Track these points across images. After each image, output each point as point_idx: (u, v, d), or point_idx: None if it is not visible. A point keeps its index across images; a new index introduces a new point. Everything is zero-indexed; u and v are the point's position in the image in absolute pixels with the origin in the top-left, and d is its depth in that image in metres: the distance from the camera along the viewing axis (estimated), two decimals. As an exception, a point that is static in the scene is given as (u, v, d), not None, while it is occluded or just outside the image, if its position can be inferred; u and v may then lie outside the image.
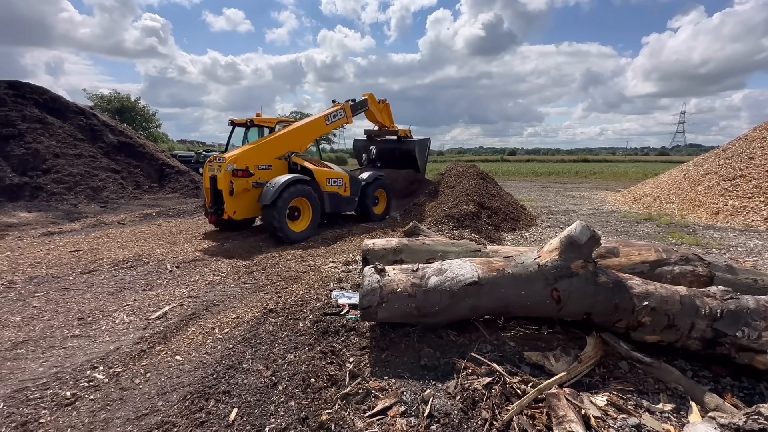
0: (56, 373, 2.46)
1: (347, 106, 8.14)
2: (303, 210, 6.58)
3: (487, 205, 7.43)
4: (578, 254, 2.24)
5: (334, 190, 7.16)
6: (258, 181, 6.28)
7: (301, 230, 6.40)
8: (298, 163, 6.88)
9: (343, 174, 7.40)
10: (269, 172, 6.48)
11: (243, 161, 6.23)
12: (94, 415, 2.04)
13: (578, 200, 12.26)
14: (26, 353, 2.76)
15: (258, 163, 6.44)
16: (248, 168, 6.23)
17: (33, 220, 7.99)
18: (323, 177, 6.99)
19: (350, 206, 7.62)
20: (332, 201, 7.10)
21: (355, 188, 7.54)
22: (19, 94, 11.88)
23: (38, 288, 4.07)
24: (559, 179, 22.48)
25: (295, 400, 2.01)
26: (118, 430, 1.92)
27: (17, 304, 3.65)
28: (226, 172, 6.05)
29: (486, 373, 2.06)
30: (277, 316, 2.97)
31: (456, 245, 3.17)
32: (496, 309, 2.40)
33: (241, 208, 6.26)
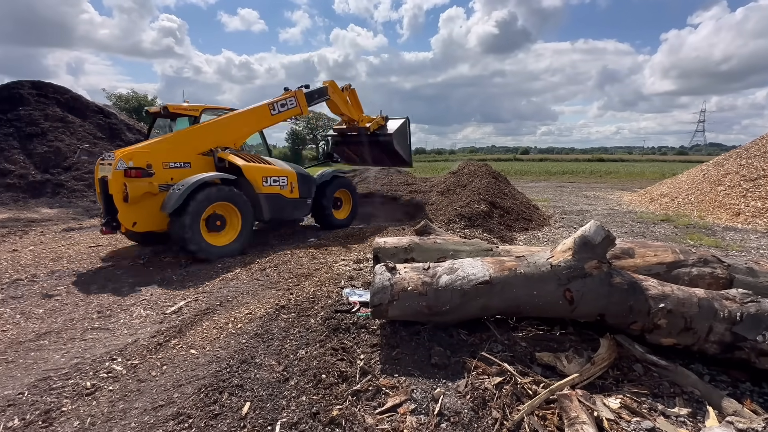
0: (77, 364, 2.55)
1: (300, 94, 6.71)
2: (229, 218, 5.29)
3: (499, 205, 7.37)
4: (592, 254, 2.21)
5: (274, 191, 5.80)
6: (169, 182, 5.03)
7: (225, 243, 5.14)
8: (224, 159, 5.53)
9: (288, 171, 6.07)
10: (186, 171, 5.21)
11: (142, 157, 4.89)
12: (112, 405, 2.10)
13: (593, 200, 12.05)
14: (49, 344, 2.86)
15: (169, 159, 5.15)
16: (149, 165, 4.91)
17: (54, 216, 8.24)
18: (257, 175, 5.62)
19: (301, 211, 6.32)
20: (272, 205, 5.75)
21: (306, 189, 6.23)
22: (41, 93, 12.26)
23: (60, 282, 4.21)
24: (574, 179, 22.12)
25: (306, 395, 2.03)
26: (135, 420, 1.98)
27: (40, 297, 3.78)
28: (117, 172, 4.70)
29: (497, 372, 2.06)
30: (289, 313, 3.01)
31: (467, 244, 3.16)
32: (507, 309, 2.39)
33: (143, 217, 4.89)
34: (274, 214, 5.81)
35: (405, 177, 10.78)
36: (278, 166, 6.08)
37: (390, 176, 10.89)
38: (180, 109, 5.78)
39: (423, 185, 9.93)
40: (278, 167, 6.05)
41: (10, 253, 5.36)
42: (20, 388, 2.29)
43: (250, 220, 5.40)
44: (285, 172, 6.01)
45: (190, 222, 4.70)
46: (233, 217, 5.30)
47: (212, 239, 5.03)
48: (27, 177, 9.89)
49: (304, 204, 6.29)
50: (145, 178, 4.85)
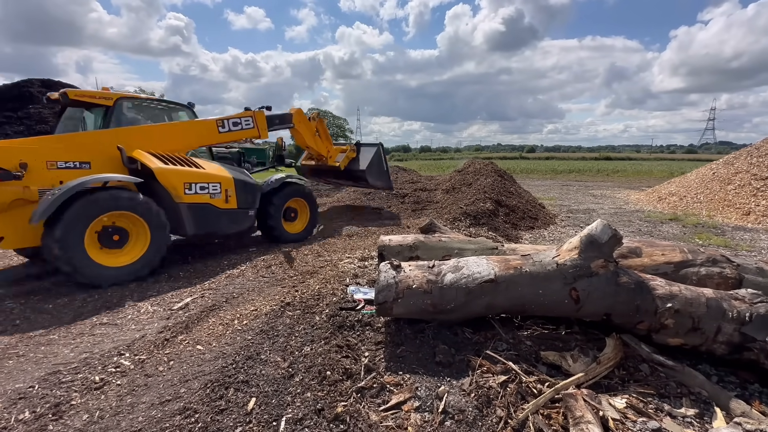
0: (86, 359, 2.58)
1: (260, 115, 5.91)
2: (133, 231, 4.22)
3: (504, 203, 7.34)
4: (598, 253, 2.20)
5: (202, 200, 4.74)
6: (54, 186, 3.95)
7: (125, 263, 4.08)
8: (136, 159, 4.44)
9: (222, 177, 5.00)
10: (83, 172, 4.16)
11: (14, 153, 3.83)
12: (120, 400, 2.13)
13: (599, 199, 11.94)
14: (58, 339, 2.91)
15: (57, 156, 4.07)
16: (24, 165, 3.84)
17: (64, 213, 8.34)
18: (176, 181, 4.52)
19: (239, 224, 5.23)
20: (199, 217, 4.71)
21: (247, 198, 5.25)
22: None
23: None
24: (580, 177, 21.93)
25: (311, 391, 2.05)
26: (143, 414, 2.00)
27: (50, 292, 3.84)
28: None
29: (501, 371, 2.05)
30: (294, 310, 3.03)
31: (473, 243, 3.15)
32: (512, 307, 2.38)
33: (15, 231, 3.85)
34: (200, 229, 4.78)
35: (410, 175, 10.77)
36: (209, 170, 4.95)
37: (395, 174, 10.88)
38: (86, 97, 4.60)
39: (428, 183, 9.91)
40: (208, 172, 4.92)
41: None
42: (31, 382, 2.33)
43: (161, 237, 4.29)
44: (217, 178, 4.92)
45: (63, 235, 3.66)
46: (139, 232, 4.23)
47: (105, 258, 3.98)
48: (37, 174, 10.04)
49: (244, 215, 5.25)
50: (12, 181, 3.75)
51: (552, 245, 3.12)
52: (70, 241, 3.70)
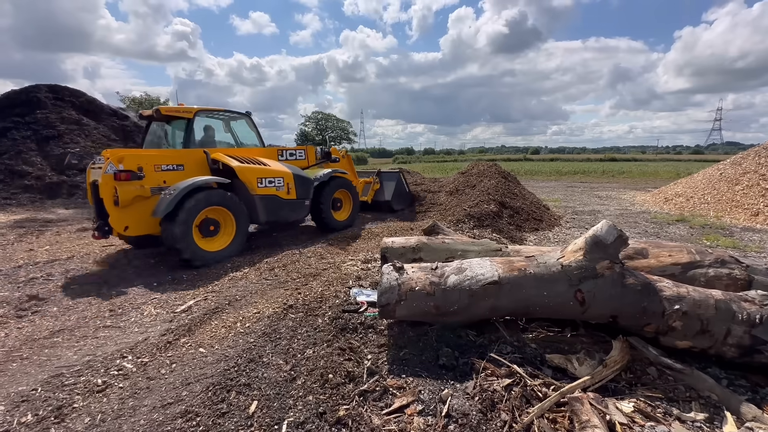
0: (89, 361, 2.58)
1: (311, 150, 7.04)
2: (223, 222, 5.14)
3: (508, 205, 7.29)
4: (604, 255, 2.17)
5: (270, 192, 5.60)
6: (161, 185, 4.88)
7: (219, 249, 4.99)
8: (218, 160, 5.38)
9: (284, 172, 5.84)
10: (179, 174, 5.07)
11: (134, 160, 4.75)
12: (123, 402, 2.13)
13: (605, 200, 11.85)
14: (62, 341, 2.91)
15: (161, 162, 5.01)
16: (141, 168, 4.75)
17: (69, 217, 8.42)
18: (251, 176, 5.42)
19: (298, 212, 6.07)
20: (268, 207, 5.55)
21: (304, 190, 6.04)
22: (58, 97, 12.56)
23: (74, 280, 4.29)
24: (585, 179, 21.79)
25: (313, 394, 2.03)
26: (144, 417, 2.00)
27: (55, 295, 3.86)
28: (107, 176, 4.56)
29: (506, 374, 2.02)
30: (297, 312, 3.01)
31: (476, 244, 3.12)
32: (516, 309, 2.35)
33: (136, 221, 4.71)
34: (270, 217, 5.62)
35: (414, 177, 10.75)
36: (274, 167, 5.82)
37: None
38: (173, 112, 5.58)
39: (432, 185, 9.88)
40: (274, 168, 5.79)
41: (26, 252, 5.49)
42: (34, 384, 2.33)
43: (244, 224, 5.25)
44: (281, 173, 5.78)
45: (181, 228, 4.57)
46: (227, 222, 5.14)
47: (206, 245, 4.89)
48: (44, 178, 10.13)
49: (301, 205, 6.07)
50: (135, 181, 4.67)
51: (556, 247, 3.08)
52: (184, 230, 4.62)
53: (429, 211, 8.02)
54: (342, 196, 6.93)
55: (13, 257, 5.23)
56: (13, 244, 5.99)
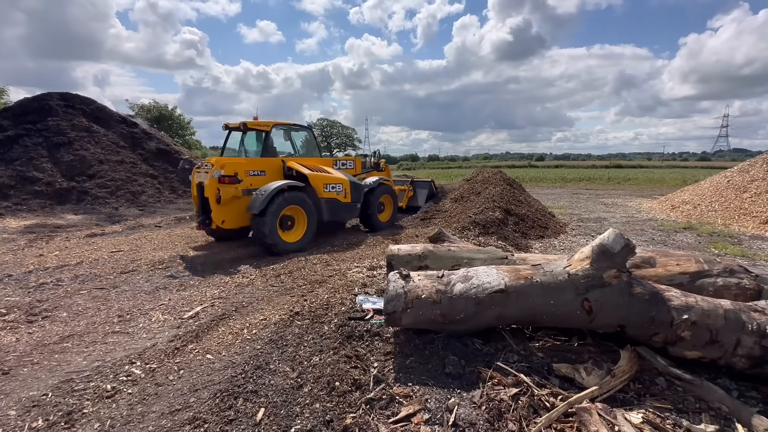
0: (98, 367, 2.61)
1: (358, 160, 8.29)
2: (297, 219, 6.16)
3: (513, 212, 7.28)
4: (611, 263, 2.16)
5: (332, 196, 6.62)
6: (249, 188, 5.94)
7: (294, 240, 5.99)
8: (293, 168, 6.47)
9: (343, 179, 6.86)
10: (262, 179, 6.15)
11: (232, 167, 5.90)
12: (131, 408, 2.15)
13: (611, 207, 11.78)
14: (71, 347, 2.94)
15: (250, 168, 6.13)
16: (237, 174, 5.88)
17: (79, 222, 8.53)
18: (320, 182, 6.47)
19: (352, 214, 7.12)
20: (331, 208, 6.57)
21: (357, 194, 7.03)
22: (69, 104, 12.78)
23: (83, 286, 4.34)
24: (590, 185, 21.70)
25: (320, 402, 2.03)
26: (153, 423, 2.01)
27: (64, 300, 3.90)
28: (213, 179, 5.68)
29: (513, 383, 2.02)
30: (303, 319, 3.03)
31: (482, 252, 3.13)
32: (523, 318, 2.35)
33: (231, 216, 5.86)
34: (331, 217, 6.60)
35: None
36: (335, 175, 6.88)
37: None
38: (257, 125, 6.68)
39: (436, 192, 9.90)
40: (335, 175, 6.85)
41: (36, 257, 5.57)
42: (44, 389, 2.36)
43: (314, 222, 6.21)
44: (341, 180, 6.80)
45: (270, 222, 5.59)
46: (300, 219, 6.16)
47: (285, 237, 5.91)
48: (54, 184, 10.28)
49: (354, 208, 7.05)
50: (234, 184, 5.81)
51: (563, 255, 3.08)
52: (273, 225, 5.64)
53: (434, 218, 8.03)
54: (385, 201, 7.88)
55: (23, 262, 5.30)
56: (23, 250, 6.07)
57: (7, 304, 3.80)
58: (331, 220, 6.67)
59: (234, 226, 6.01)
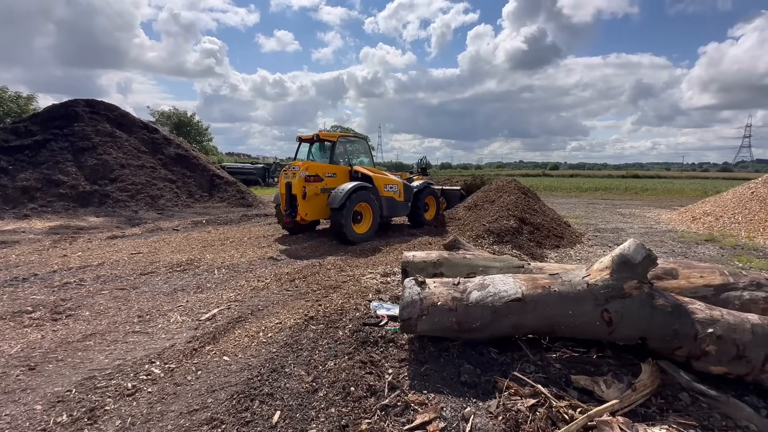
0: (119, 365, 2.67)
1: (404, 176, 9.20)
2: (365, 214, 7.26)
3: (528, 221, 7.20)
4: (631, 274, 2.13)
5: (390, 195, 7.72)
6: (325, 186, 7.07)
7: (363, 232, 7.08)
8: (359, 171, 7.58)
9: (398, 181, 8.00)
10: (334, 180, 7.27)
11: (314, 169, 7.10)
12: (151, 407, 2.19)
13: (628, 218, 11.54)
14: (94, 345, 3.02)
15: (326, 171, 7.31)
16: (318, 174, 7.06)
17: (100, 224, 8.78)
18: (381, 183, 7.58)
19: (404, 211, 8.15)
20: (389, 205, 7.65)
21: (408, 194, 8.11)
22: (94, 111, 13.25)
23: (104, 286, 4.46)
24: (607, 195, 21.31)
25: (335, 407, 2.04)
26: (172, 422, 2.05)
27: (87, 299, 4.02)
28: (300, 179, 6.84)
29: (530, 394, 1.99)
30: (318, 324, 3.05)
31: (498, 260, 3.11)
32: (540, 328, 2.32)
33: (312, 210, 7.01)
34: (389, 212, 7.72)
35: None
36: (392, 177, 8.06)
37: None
38: (327, 137, 7.76)
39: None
40: (392, 178, 8.02)
41: (61, 258, 5.75)
42: (68, 386, 2.43)
43: (377, 216, 7.26)
44: (396, 182, 7.96)
45: (347, 215, 6.64)
46: (367, 214, 7.27)
47: (356, 229, 6.96)
48: (77, 187, 10.63)
49: (406, 206, 8.11)
50: (317, 183, 7.00)
51: (581, 265, 3.03)
52: (348, 218, 6.69)
53: (448, 226, 8.00)
54: (429, 202, 8.81)
55: (48, 262, 5.48)
56: (48, 250, 6.28)
57: (34, 302, 3.94)
58: (389, 216, 7.81)
59: (315, 218, 7.24)
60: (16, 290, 4.32)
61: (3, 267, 5.27)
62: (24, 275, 4.85)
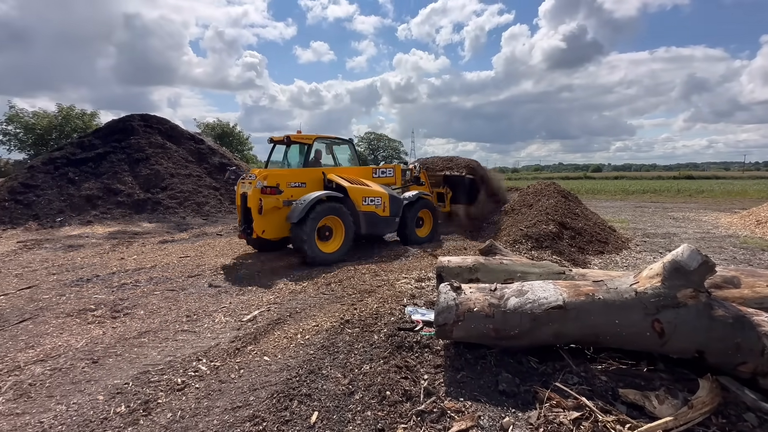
0: (170, 362, 2.86)
1: (398, 168, 8.06)
2: (335, 229, 6.21)
3: (569, 225, 6.89)
4: (686, 282, 1.99)
5: (371, 209, 6.60)
6: (290, 199, 6.04)
7: (332, 251, 6.02)
8: (333, 181, 6.52)
9: (382, 192, 6.81)
10: (302, 190, 6.20)
11: (274, 178, 6.06)
12: (198, 402, 2.32)
13: (681, 222, 10.73)
14: (148, 342, 3.25)
15: (291, 180, 6.27)
16: (278, 185, 6.02)
17: (153, 230, 9.44)
18: (358, 195, 6.48)
19: (390, 227, 7.03)
20: (369, 221, 6.55)
21: (395, 208, 6.95)
22: (147, 124, 14.32)
23: (156, 287, 4.78)
24: (657, 198, 19.92)
25: (371, 410, 2.06)
26: (217, 418, 2.16)
27: (141, 299, 4.33)
28: (256, 190, 5.87)
29: (573, 406, 1.91)
30: (353, 327, 3.09)
31: (537, 266, 3.01)
32: (584, 337, 2.22)
33: (271, 227, 5.98)
34: (369, 230, 6.58)
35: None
36: (374, 188, 6.84)
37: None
38: (299, 138, 6.82)
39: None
40: (374, 189, 6.81)
41: (118, 260, 6.25)
42: (126, 379, 2.63)
43: (351, 233, 6.22)
44: (380, 194, 6.75)
45: (308, 231, 5.67)
46: (338, 229, 6.20)
47: (322, 247, 5.97)
48: (133, 196, 11.51)
49: (393, 221, 6.96)
50: (276, 195, 5.96)
51: (627, 272, 2.86)
52: (311, 235, 5.69)
53: (483, 231, 7.84)
54: (424, 216, 7.63)
55: (108, 264, 5.97)
56: (108, 253, 6.84)
57: (96, 301, 4.30)
58: (370, 233, 6.69)
59: (274, 236, 6.10)
60: (81, 290, 4.75)
61: (70, 268, 5.80)
62: (87, 276, 5.32)
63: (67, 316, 3.86)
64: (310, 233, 5.69)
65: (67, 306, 4.16)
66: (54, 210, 10.58)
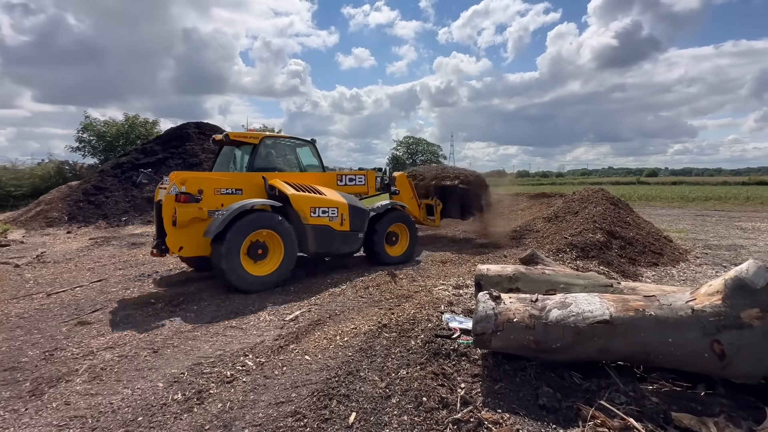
0: (220, 355, 3.06)
1: (371, 175, 6.74)
2: (272, 247, 5.01)
3: (619, 235, 6.52)
4: (751, 301, 1.84)
5: (322, 222, 5.40)
6: (219, 208, 4.87)
7: (264, 273, 4.88)
8: (275, 187, 5.32)
9: (340, 202, 5.62)
10: (236, 197, 5.05)
11: (195, 183, 4.84)
12: (245, 395, 2.47)
13: (750, 233, 9.73)
14: (200, 336, 3.51)
15: (221, 185, 5.05)
16: (200, 191, 4.81)
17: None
18: (305, 205, 5.27)
19: (350, 245, 5.80)
20: (319, 237, 5.37)
21: (359, 221, 5.76)
22: (201, 131, 15.39)
23: (207, 284, 5.13)
24: (722, 206, 18.19)
25: (407, 415, 2.09)
26: (262, 411, 2.29)
27: (195, 295, 4.67)
28: (170, 197, 4.67)
29: (620, 427, 1.83)
30: (391, 332, 3.14)
31: (581, 278, 2.90)
32: (632, 355, 2.12)
33: (191, 242, 4.77)
34: (320, 248, 5.45)
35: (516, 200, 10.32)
36: (329, 197, 5.63)
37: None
38: (241, 137, 5.69)
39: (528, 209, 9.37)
40: (329, 198, 5.61)
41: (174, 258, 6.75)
42: (182, 369, 2.85)
43: (292, 251, 5.07)
44: (335, 204, 5.58)
45: (229, 249, 4.56)
46: (276, 246, 5.02)
47: (253, 269, 4.83)
48: (187, 198, 12.42)
49: (355, 237, 5.80)
50: (191, 203, 4.74)
51: (684, 287, 2.68)
52: (232, 255, 4.61)
53: (524, 238, 7.60)
54: (398, 231, 6.42)
55: (165, 261, 6.47)
56: (165, 251, 7.43)
57: (156, 295, 4.70)
58: (322, 251, 5.54)
59: (196, 253, 4.91)
60: (143, 285, 5.20)
61: (133, 264, 6.37)
62: (148, 272, 5.82)
63: (132, 308, 4.26)
64: (232, 252, 4.58)
65: (131, 299, 4.58)
66: (120, 210, 11.67)
